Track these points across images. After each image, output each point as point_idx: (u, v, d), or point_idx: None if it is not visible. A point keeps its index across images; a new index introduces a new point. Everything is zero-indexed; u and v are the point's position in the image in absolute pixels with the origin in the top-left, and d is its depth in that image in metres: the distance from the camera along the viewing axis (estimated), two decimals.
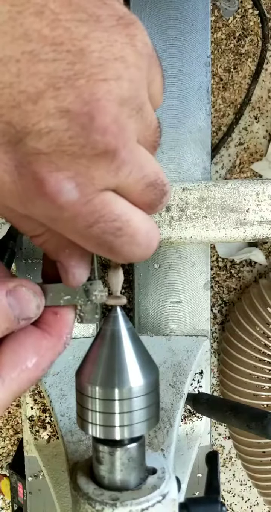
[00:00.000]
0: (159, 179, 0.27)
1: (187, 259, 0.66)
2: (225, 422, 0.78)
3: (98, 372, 0.32)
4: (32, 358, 0.29)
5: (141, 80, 0.24)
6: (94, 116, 0.23)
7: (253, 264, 1.18)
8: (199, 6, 0.63)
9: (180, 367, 0.59)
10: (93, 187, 0.24)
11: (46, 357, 0.30)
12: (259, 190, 0.57)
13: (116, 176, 0.25)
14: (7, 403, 0.29)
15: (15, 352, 0.29)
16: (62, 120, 0.22)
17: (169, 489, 0.35)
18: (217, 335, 1.20)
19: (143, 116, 0.25)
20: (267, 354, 1.05)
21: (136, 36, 0.24)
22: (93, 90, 0.22)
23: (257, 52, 1.08)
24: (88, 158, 0.23)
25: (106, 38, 0.22)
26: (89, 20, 0.22)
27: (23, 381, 0.29)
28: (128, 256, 0.27)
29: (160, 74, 0.27)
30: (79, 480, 0.36)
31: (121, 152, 0.24)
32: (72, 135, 0.23)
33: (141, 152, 0.26)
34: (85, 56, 0.22)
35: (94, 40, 0.22)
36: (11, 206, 0.26)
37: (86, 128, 0.23)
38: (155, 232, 0.28)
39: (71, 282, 0.31)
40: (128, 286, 0.69)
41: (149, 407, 0.33)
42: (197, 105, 0.63)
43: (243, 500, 1.22)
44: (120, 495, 0.34)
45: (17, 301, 0.29)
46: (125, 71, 0.23)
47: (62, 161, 0.23)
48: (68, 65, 0.22)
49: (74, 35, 0.22)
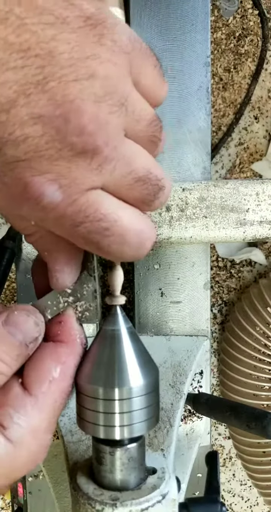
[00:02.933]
0: (151, 174, 0.26)
1: (187, 259, 0.65)
2: (225, 422, 0.78)
3: (98, 372, 0.32)
4: (55, 367, 0.30)
5: (119, 75, 0.24)
6: (68, 117, 0.22)
7: (253, 264, 1.18)
8: (199, 6, 0.63)
9: (180, 367, 0.59)
10: (77, 188, 0.24)
11: (69, 363, 0.31)
12: (259, 190, 0.57)
13: (100, 174, 0.24)
14: (49, 422, 0.29)
15: (38, 368, 0.29)
16: (36, 126, 0.22)
17: (169, 489, 0.35)
18: (217, 335, 1.20)
19: (129, 110, 0.25)
20: (267, 354, 1.05)
21: (104, 35, 0.23)
22: (65, 91, 0.22)
23: (257, 52, 1.08)
24: (67, 160, 0.23)
25: (74, 39, 0.22)
26: (56, 23, 0.22)
27: (55, 392, 0.29)
28: (118, 256, 0.27)
29: (150, 65, 0.27)
30: (79, 480, 0.36)
31: (103, 150, 0.24)
32: (48, 139, 0.23)
33: (128, 147, 0.25)
34: (54, 59, 0.22)
35: (62, 42, 0.22)
36: (2, 207, 0.26)
37: (61, 131, 0.23)
38: (149, 233, 0.28)
39: (55, 285, 0.31)
40: (128, 286, 0.69)
41: (149, 407, 0.33)
42: (197, 105, 0.63)
43: (243, 500, 1.22)
44: (120, 495, 0.34)
45: (15, 326, 0.29)
46: (97, 68, 0.23)
47: (42, 165, 0.23)
48: (37, 69, 0.22)
49: (41, 38, 0.22)
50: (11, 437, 0.27)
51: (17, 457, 0.28)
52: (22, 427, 0.28)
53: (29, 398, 0.28)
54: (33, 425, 0.28)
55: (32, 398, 0.28)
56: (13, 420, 0.28)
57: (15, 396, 0.28)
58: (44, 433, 0.29)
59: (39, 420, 0.28)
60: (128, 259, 0.28)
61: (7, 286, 1.02)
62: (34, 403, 0.28)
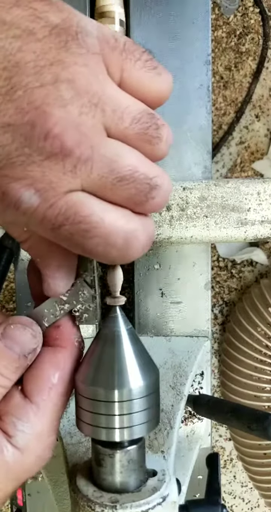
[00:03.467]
0: (138, 173, 0.26)
1: (188, 259, 0.65)
2: (226, 424, 0.77)
3: (98, 373, 0.32)
4: (54, 373, 0.31)
5: (89, 76, 0.24)
6: (34, 123, 0.23)
7: (254, 264, 1.18)
8: (200, 4, 0.63)
9: (181, 368, 0.58)
10: (54, 191, 0.24)
11: (67, 368, 0.32)
12: (260, 189, 0.57)
13: (76, 176, 0.24)
14: (52, 425, 0.31)
15: (37, 376, 0.30)
16: (6, 135, 0.23)
17: (169, 491, 0.35)
18: (218, 336, 1.19)
19: (106, 109, 0.25)
20: (268, 355, 1.05)
21: (68, 41, 0.24)
22: (31, 98, 0.23)
23: (258, 50, 1.08)
24: (37, 164, 0.24)
25: (40, 48, 0.23)
26: (23, 35, 0.23)
27: (55, 398, 0.30)
28: (106, 257, 0.27)
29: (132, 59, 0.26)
30: (78, 482, 0.36)
31: (74, 151, 0.24)
32: (17, 146, 0.23)
33: (110, 146, 0.25)
34: (20, 69, 0.23)
35: (28, 52, 0.23)
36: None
37: (28, 137, 0.23)
38: (138, 235, 0.27)
39: (47, 291, 0.31)
40: (128, 286, 0.69)
41: (149, 408, 0.33)
42: (197, 104, 0.63)
43: (244, 502, 1.22)
44: (119, 498, 0.34)
45: (11, 340, 0.29)
46: (62, 72, 0.23)
47: (16, 171, 0.24)
48: (5, 81, 0.23)
49: (8, 51, 0.23)
50: (18, 444, 0.29)
51: (26, 461, 0.29)
52: (26, 434, 0.29)
53: (30, 405, 0.30)
54: (37, 431, 0.29)
55: (33, 406, 0.30)
56: (17, 428, 0.29)
57: (17, 405, 0.30)
58: (48, 436, 0.31)
59: (41, 424, 0.30)
60: (119, 261, 0.28)
61: (6, 286, 1.01)
62: (36, 411, 0.29)
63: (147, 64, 0.27)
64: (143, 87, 0.27)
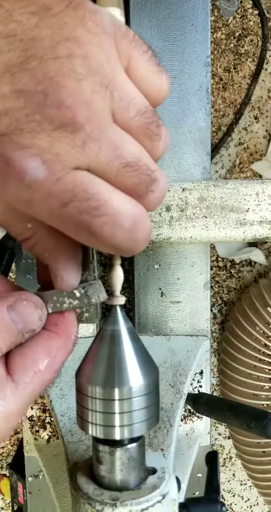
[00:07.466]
0: (141, 162, 0.26)
1: (187, 259, 0.65)
2: (225, 422, 0.78)
3: (98, 372, 0.32)
4: (43, 360, 0.29)
5: (102, 56, 0.25)
6: (47, 92, 0.23)
7: (253, 264, 1.18)
8: (199, 6, 0.63)
9: (180, 367, 0.59)
10: (61, 165, 0.24)
11: (57, 358, 0.30)
12: (259, 190, 0.57)
13: (84, 153, 0.24)
14: (24, 408, 0.29)
15: (26, 356, 0.29)
16: (18, 101, 0.23)
17: (169, 489, 0.35)
18: (217, 335, 1.20)
19: (115, 95, 0.25)
20: (267, 354, 1.05)
21: (85, 17, 0.24)
22: (46, 69, 0.23)
23: (257, 52, 1.08)
24: (47, 134, 0.24)
25: (56, 23, 0.24)
26: (39, 11, 0.24)
27: (37, 384, 0.29)
28: (111, 240, 0.26)
29: (140, 50, 0.26)
30: (79, 480, 0.36)
31: (84, 126, 0.24)
32: (28, 112, 0.23)
33: (116, 132, 0.25)
34: (37, 42, 0.23)
35: (44, 27, 0.24)
36: None
37: (41, 104, 0.23)
38: (143, 224, 0.27)
39: (60, 285, 0.30)
40: (128, 286, 0.69)
41: (149, 407, 0.33)
42: (197, 105, 0.63)
43: (243, 500, 1.22)
44: (120, 495, 0.34)
45: (19, 315, 0.29)
46: (77, 49, 0.24)
47: (23, 139, 0.24)
48: (22, 52, 0.23)
49: (26, 26, 0.23)
50: None
51: None
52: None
53: (11, 383, 0.28)
54: (8, 410, 0.28)
55: (13, 385, 0.28)
56: None
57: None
58: (16, 417, 0.29)
59: (15, 405, 0.28)
60: (123, 247, 0.27)
61: None
62: (14, 390, 0.28)
63: (153, 59, 0.27)
64: (147, 80, 0.27)
